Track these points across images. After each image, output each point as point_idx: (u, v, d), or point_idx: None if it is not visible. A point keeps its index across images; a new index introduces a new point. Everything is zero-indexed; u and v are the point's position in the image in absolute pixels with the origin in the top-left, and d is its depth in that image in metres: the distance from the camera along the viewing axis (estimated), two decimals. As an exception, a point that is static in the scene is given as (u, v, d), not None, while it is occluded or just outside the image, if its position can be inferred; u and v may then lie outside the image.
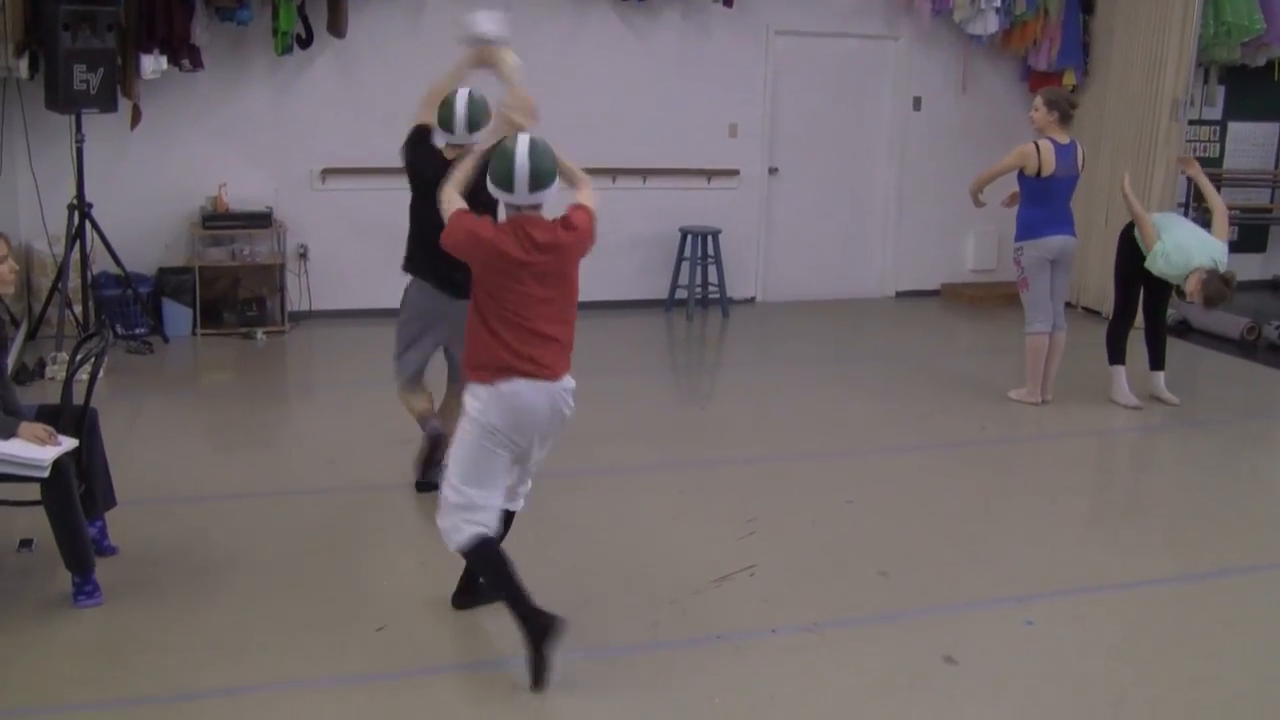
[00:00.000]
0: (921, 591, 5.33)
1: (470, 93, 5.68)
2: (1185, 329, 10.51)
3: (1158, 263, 7.79)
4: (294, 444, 7.37)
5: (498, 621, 4.85)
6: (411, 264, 6.00)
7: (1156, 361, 8.40)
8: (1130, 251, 8.14)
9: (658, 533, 5.70)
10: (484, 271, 4.48)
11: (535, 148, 4.46)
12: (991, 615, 5.12)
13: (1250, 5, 10.87)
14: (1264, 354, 10.05)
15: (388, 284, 10.21)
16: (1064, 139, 7.98)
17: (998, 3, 10.90)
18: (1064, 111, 8.00)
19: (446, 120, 5.67)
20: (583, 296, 4.67)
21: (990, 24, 11.03)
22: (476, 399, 4.50)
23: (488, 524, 4.55)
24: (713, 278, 10.81)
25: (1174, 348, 8.55)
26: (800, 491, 6.53)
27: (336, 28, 9.51)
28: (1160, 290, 8.25)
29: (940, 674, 4.60)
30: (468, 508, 4.53)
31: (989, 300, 11.50)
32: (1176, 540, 6.10)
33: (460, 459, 4.56)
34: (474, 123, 5.61)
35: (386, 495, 6.26)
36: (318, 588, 5.13)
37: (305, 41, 9.52)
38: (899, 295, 11.92)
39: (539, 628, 4.35)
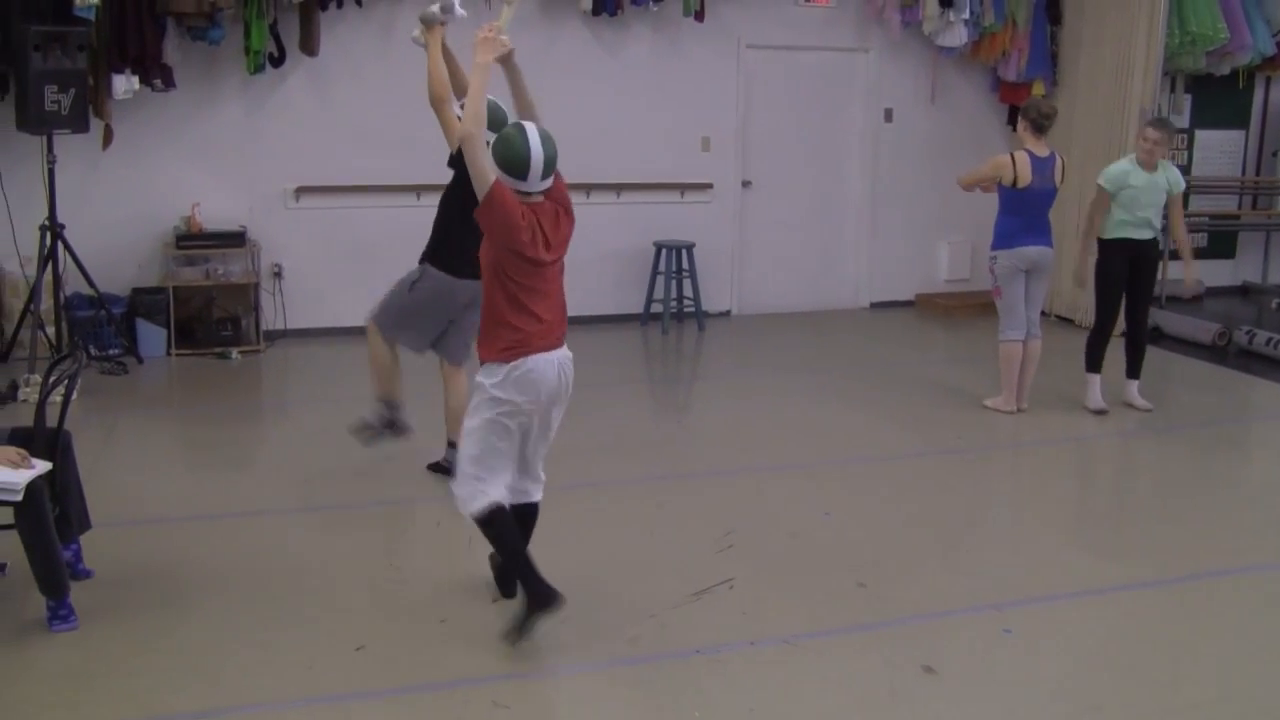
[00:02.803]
0: (900, 601, 5.33)
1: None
2: (1157, 335, 10.57)
3: (1109, 181, 8.07)
4: (270, 464, 7.34)
5: (475, 640, 4.85)
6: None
7: (1133, 370, 8.43)
8: (1110, 262, 8.17)
9: (636, 547, 5.68)
10: (500, 254, 4.60)
11: (544, 135, 4.60)
12: (970, 623, 5.13)
13: (1214, 15, 10.97)
14: (1235, 359, 10.11)
15: (362, 302, 10.26)
16: (1042, 151, 7.98)
17: (966, 14, 11.00)
18: (1033, 120, 7.97)
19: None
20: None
21: (959, 35, 11.12)
22: (490, 376, 4.68)
23: (500, 493, 4.78)
24: (687, 291, 10.84)
25: (1146, 354, 8.59)
26: (778, 503, 6.54)
27: (309, 46, 9.51)
28: (1143, 298, 8.29)
29: (920, 684, 4.60)
30: (479, 477, 4.75)
31: (963, 310, 11.53)
32: (1152, 545, 6.12)
33: (476, 433, 4.74)
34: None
35: (363, 514, 6.24)
36: (294, 608, 5.11)
37: (277, 60, 9.51)
38: (873, 306, 11.96)
39: (540, 596, 4.65)
